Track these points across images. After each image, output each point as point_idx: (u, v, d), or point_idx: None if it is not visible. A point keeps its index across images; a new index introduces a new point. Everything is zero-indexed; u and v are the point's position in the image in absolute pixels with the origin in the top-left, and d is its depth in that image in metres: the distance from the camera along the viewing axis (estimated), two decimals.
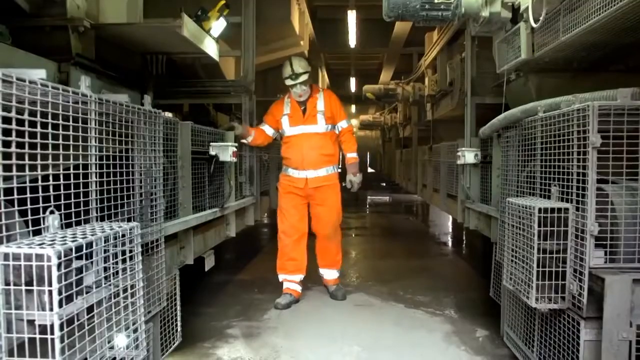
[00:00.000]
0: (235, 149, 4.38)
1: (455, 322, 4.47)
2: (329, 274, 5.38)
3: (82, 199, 2.08)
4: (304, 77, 5.02)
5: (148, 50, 5.00)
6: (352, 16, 11.00)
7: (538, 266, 2.69)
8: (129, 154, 2.59)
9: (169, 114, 3.59)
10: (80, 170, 2.07)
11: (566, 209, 2.64)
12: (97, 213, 2.21)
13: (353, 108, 27.91)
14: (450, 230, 10.58)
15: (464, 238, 9.42)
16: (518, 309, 3.51)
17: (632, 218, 2.58)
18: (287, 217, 5.17)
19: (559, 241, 2.65)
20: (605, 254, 2.58)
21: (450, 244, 9.19)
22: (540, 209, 2.66)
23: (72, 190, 2.01)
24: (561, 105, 2.88)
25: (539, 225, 2.66)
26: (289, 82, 5.03)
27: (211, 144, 4.26)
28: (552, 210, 2.65)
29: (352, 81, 20.47)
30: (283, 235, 5.18)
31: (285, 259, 5.15)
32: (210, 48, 4.86)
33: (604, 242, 2.56)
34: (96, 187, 2.19)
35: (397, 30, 11.95)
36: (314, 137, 5.13)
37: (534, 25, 3.52)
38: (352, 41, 12.95)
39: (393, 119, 16.64)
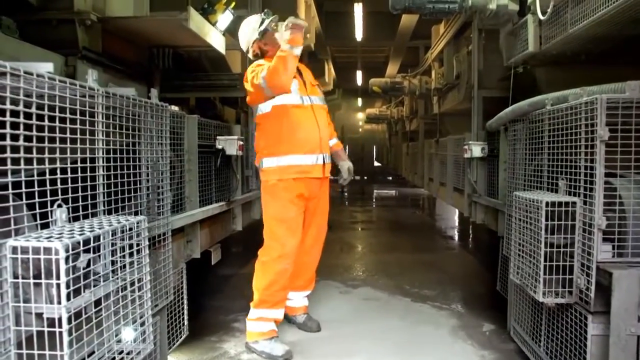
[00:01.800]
0: (241, 143, 4.37)
1: (461, 316, 4.47)
2: (300, 300, 4.25)
3: (89, 192, 2.09)
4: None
5: (155, 43, 5.00)
6: (358, 9, 10.97)
7: (545, 260, 2.68)
8: (136, 148, 2.59)
9: (175, 108, 3.58)
10: (88, 164, 2.08)
11: (574, 203, 2.63)
12: (104, 207, 2.22)
13: (359, 101, 27.90)
14: (457, 223, 10.57)
15: (471, 232, 9.40)
16: (525, 303, 3.51)
17: None
18: (295, 232, 3.79)
19: (566, 235, 2.64)
20: (613, 248, 2.56)
21: (456, 237, 9.18)
22: (547, 203, 2.65)
23: (80, 184, 2.02)
24: (569, 98, 2.86)
25: (547, 219, 2.65)
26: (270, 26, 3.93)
27: (218, 137, 4.27)
28: (560, 204, 2.64)
29: (359, 74, 20.42)
30: (283, 260, 3.73)
31: (277, 289, 3.78)
32: (217, 41, 4.86)
33: (612, 236, 2.55)
34: (104, 180, 2.20)
35: (403, 23, 11.91)
36: (323, 112, 3.98)
37: (541, 17, 3.51)
38: (359, 34, 12.92)
39: (399, 113, 16.61)
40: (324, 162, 3.85)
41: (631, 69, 4.15)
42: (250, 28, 3.93)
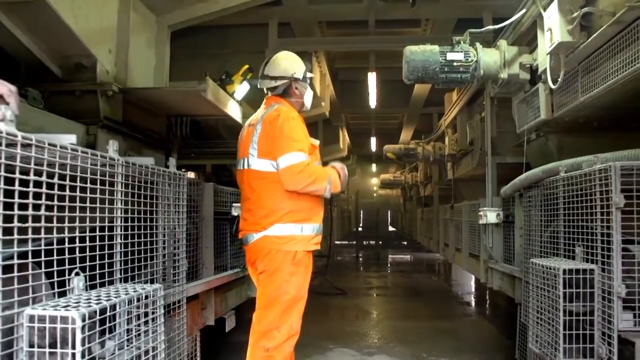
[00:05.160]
0: None
1: None
2: None
3: (107, 260, 2.11)
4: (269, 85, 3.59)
5: (173, 112, 5.13)
6: (372, 78, 11.17)
7: (564, 329, 2.63)
8: (154, 216, 2.62)
9: (192, 174, 3.65)
10: (106, 232, 2.10)
11: (592, 270, 2.60)
12: (121, 274, 2.23)
13: (374, 167, 28.07)
14: (473, 289, 10.40)
15: (488, 298, 9.24)
16: None
17: None
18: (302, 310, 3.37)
19: (585, 303, 2.60)
20: (635, 317, 2.52)
21: (473, 303, 9.02)
22: (565, 270, 2.62)
23: (98, 252, 2.04)
24: (583, 165, 2.88)
25: (564, 287, 2.62)
26: (309, 81, 3.70)
27: (233, 204, 4.30)
28: (577, 271, 2.61)
29: (373, 140, 20.59)
30: (294, 340, 3.30)
31: None
32: (234, 110, 4.97)
33: (633, 305, 2.51)
34: (121, 248, 2.22)
35: (416, 91, 12.11)
36: None
37: (552, 86, 3.57)
38: (373, 102, 13.11)
39: (414, 178, 16.68)
40: None
41: None
42: (298, 64, 3.59)
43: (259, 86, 3.63)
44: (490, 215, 4.96)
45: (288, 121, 3.23)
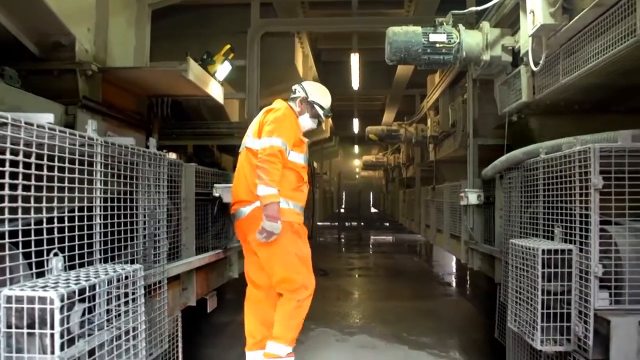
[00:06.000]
0: None
1: None
2: None
3: (86, 240, 2.09)
4: (293, 89, 4.26)
5: (154, 93, 5.07)
6: (355, 59, 11.14)
7: (543, 308, 2.67)
8: (134, 196, 2.60)
9: (173, 155, 3.62)
10: (85, 212, 2.08)
11: (570, 251, 2.63)
12: (100, 255, 2.21)
13: (356, 149, 28.09)
14: (454, 270, 10.51)
15: (468, 278, 9.34)
16: (523, 351, 3.47)
17: (637, 259, 2.58)
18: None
19: (563, 282, 2.64)
20: (610, 296, 2.56)
21: (454, 284, 9.11)
22: (543, 250, 2.65)
23: (77, 232, 2.02)
24: (563, 147, 2.90)
25: (543, 267, 2.65)
26: (324, 116, 4.27)
27: (215, 185, 4.28)
28: (556, 251, 2.64)
29: (355, 122, 20.62)
30: (311, 296, 3.98)
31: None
32: (215, 91, 4.92)
33: (609, 284, 2.55)
34: (100, 228, 2.20)
35: (399, 73, 12.11)
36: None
37: (534, 68, 3.57)
38: (355, 83, 13.09)
39: (396, 160, 16.73)
40: None
41: (623, 117, 4.23)
42: (327, 98, 4.26)
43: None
44: (471, 197, 5.00)
45: (284, 115, 3.82)
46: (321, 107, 4.16)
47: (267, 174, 3.55)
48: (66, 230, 1.96)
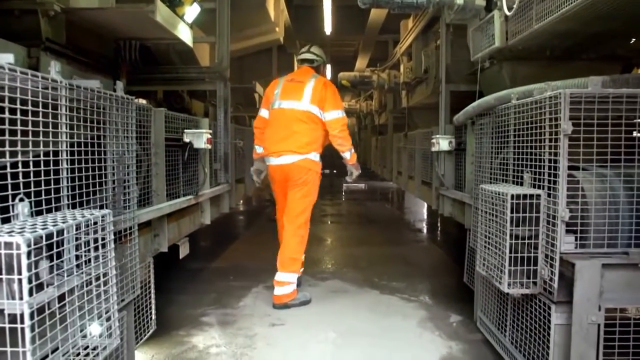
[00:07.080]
0: (209, 136, 4.34)
1: (429, 307, 4.52)
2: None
3: (53, 186, 2.05)
4: (310, 57, 5.14)
5: (121, 35, 4.93)
6: (327, 3, 10.96)
7: (510, 252, 2.72)
8: (101, 141, 2.55)
9: (142, 101, 3.55)
10: (51, 157, 2.04)
11: (538, 196, 2.67)
12: (68, 201, 2.18)
13: None
14: (425, 217, 10.67)
15: (439, 225, 9.50)
16: (491, 295, 3.56)
17: (602, 204, 2.63)
18: None
19: (530, 227, 2.69)
20: (576, 240, 2.62)
21: (425, 230, 9.26)
22: (512, 195, 2.69)
23: (43, 178, 1.98)
24: (534, 92, 2.91)
25: (512, 212, 2.69)
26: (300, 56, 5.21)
27: (185, 130, 4.23)
28: (525, 196, 2.68)
29: (328, 68, 20.41)
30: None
31: None
32: (184, 34, 4.81)
33: (575, 228, 2.60)
34: (67, 174, 2.16)
35: (372, 18, 11.95)
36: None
37: (507, 13, 3.55)
38: (328, 28, 12.91)
39: (368, 107, 16.68)
40: None
41: (594, 64, 4.26)
42: (326, 56, 5.37)
43: (303, 57, 5.15)
44: (443, 143, 5.02)
45: (334, 88, 4.85)
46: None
47: (348, 142, 4.83)
48: (32, 175, 1.91)
